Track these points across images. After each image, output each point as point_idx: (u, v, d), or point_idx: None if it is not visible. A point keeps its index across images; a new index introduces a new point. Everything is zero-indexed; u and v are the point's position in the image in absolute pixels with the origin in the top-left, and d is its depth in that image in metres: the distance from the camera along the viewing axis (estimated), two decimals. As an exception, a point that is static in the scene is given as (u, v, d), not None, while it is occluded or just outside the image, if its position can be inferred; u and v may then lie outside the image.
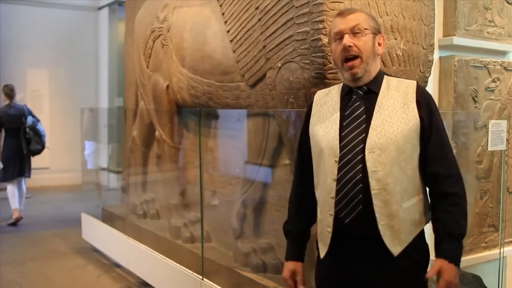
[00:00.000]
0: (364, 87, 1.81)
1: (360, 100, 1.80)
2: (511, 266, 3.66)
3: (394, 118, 1.73)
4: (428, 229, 1.83)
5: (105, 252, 4.92)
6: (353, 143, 1.74)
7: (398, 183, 1.70)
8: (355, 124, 1.77)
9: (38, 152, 6.67)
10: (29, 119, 6.50)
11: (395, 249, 1.73)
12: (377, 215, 1.70)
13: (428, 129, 1.74)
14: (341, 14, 1.83)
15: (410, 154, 1.73)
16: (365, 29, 1.77)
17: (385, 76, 1.85)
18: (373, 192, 1.70)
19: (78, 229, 5.47)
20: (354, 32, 1.77)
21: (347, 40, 1.76)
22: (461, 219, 1.74)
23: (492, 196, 3.61)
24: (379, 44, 1.82)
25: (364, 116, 1.76)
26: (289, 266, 1.98)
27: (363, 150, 1.72)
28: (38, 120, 6.70)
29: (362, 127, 1.75)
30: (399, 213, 1.71)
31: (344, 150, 1.75)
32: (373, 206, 1.70)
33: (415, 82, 1.82)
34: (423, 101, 1.76)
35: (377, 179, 1.70)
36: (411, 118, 1.73)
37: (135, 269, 4.28)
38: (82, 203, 6.09)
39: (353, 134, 1.75)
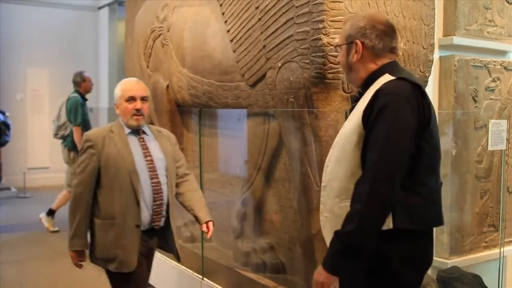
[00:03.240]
0: (360, 90, 1.88)
1: (356, 102, 1.87)
2: (511, 266, 3.66)
3: (352, 118, 1.79)
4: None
5: (105, 252, 4.92)
6: None
7: (337, 180, 1.75)
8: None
9: (6, 143, 6.75)
10: (0, 116, 6.57)
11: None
12: (321, 206, 1.83)
13: (369, 127, 1.67)
14: None
15: (349, 154, 1.72)
16: (341, 45, 1.88)
17: (384, 75, 1.76)
18: (322, 184, 1.85)
19: (78, 229, 5.47)
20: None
21: (338, 56, 1.94)
22: (346, 221, 1.63)
23: (492, 196, 3.61)
24: (356, 52, 1.81)
25: None
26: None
27: None
28: (4, 113, 6.74)
29: None
30: (334, 209, 1.75)
31: None
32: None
33: (387, 80, 1.72)
34: (375, 100, 1.68)
35: (325, 173, 1.83)
36: (357, 118, 1.73)
37: (135, 268, 4.27)
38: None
39: None
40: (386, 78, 1.74)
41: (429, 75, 3.00)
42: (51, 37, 9.15)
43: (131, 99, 2.57)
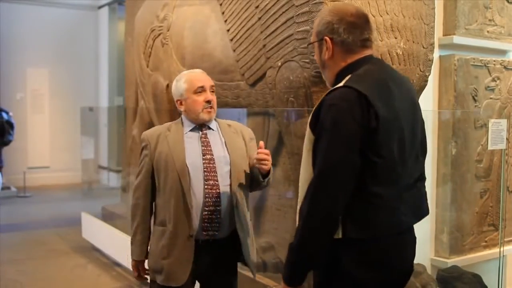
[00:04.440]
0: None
1: None
2: (511, 265, 3.66)
3: None
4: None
5: (105, 251, 4.92)
6: None
7: (301, 182, 1.72)
8: None
9: (10, 142, 6.76)
10: (4, 115, 6.59)
11: None
12: (297, 205, 1.78)
13: (315, 139, 1.64)
14: None
15: (305, 160, 1.69)
16: (313, 43, 1.77)
17: (347, 76, 1.66)
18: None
19: (78, 228, 5.48)
20: None
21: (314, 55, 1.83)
22: (295, 235, 1.64)
23: (492, 195, 3.61)
24: (326, 49, 1.70)
25: None
26: None
27: None
28: (8, 113, 6.76)
29: None
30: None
31: None
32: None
33: (339, 85, 1.63)
34: (320, 110, 1.61)
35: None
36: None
37: (135, 268, 4.27)
38: (82, 202, 6.10)
39: None
40: (344, 81, 1.64)
41: (429, 75, 3.00)
42: (51, 37, 9.15)
43: (201, 90, 2.23)
